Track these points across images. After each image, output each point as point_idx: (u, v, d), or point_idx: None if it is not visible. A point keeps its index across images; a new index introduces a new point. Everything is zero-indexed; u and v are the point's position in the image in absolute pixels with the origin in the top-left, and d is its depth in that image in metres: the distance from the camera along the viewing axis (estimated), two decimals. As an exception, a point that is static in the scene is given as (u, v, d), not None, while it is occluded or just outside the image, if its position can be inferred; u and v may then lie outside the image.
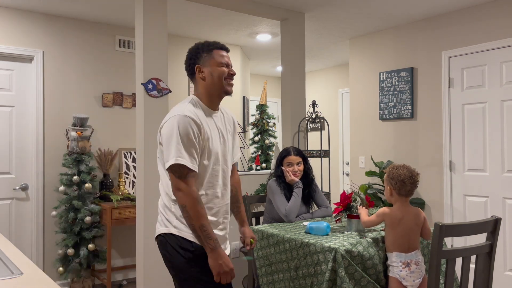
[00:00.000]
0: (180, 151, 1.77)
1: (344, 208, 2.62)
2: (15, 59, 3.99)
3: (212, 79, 1.92)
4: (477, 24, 3.99)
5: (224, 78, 1.93)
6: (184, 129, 1.79)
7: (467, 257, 2.15)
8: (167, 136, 1.81)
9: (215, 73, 1.92)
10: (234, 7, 3.81)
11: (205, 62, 1.93)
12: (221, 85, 1.94)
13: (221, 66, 1.94)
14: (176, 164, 1.77)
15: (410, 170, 2.34)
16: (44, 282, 1.13)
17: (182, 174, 1.77)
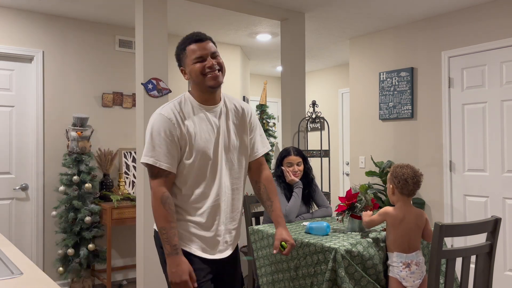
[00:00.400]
0: (149, 150, 1.73)
1: (347, 208, 2.62)
2: (15, 59, 3.99)
3: (192, 79, 1.83)
4: (477, 24, 3.99)
5: (203, 73, 1.79)
6: (157, 127, 1.74)
7: (467, 257, 2.15)
8: (146, 135, 1.80)
9: (192, 73, 1.81)
10: (234, 7, 3.81)
11: (184, 63, 1.85)
12: (202, 82, 1.80)
13: (195, 62, 1.80)
14: (144, 163, 1.75)
15: (414, 170, 2.34)
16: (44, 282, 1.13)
17: (152, 173, 1.74)
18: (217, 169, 1.84)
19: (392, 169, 2.38)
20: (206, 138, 1.81)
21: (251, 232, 2.81)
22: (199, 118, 1.82)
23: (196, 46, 1.81)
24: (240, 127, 1.93)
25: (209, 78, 1.79)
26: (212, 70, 1.78)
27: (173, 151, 1.75)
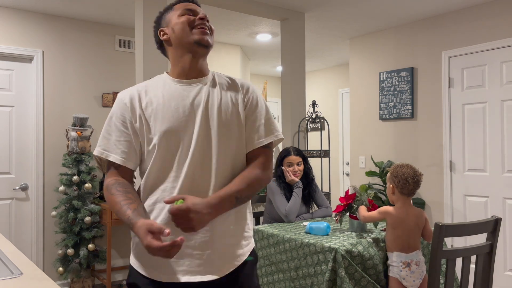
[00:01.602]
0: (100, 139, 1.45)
1: (345, 208, 2.62)
2: (15, 59, 3.99)
3: (175, 34, 1.45)
4: (477, 24, 3.99)
5: (191, 26, 1.45)
6: (111, 112, 1.46)
7: (467, 257, 2.15)
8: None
9: (177, 26, 1.45)
10: (234, 7, 3.81)
11: (166, 21, 1.51)
12: (187, 38, 1.44)
13: (183, 14, 1.47)
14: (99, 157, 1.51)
15: (414, 170, 2.34)
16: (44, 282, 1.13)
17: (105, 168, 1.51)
18: (186, 161, 1.39)
19: (392, 168, 2.38)
20: (174, 116, 1.39)
21: (251, 232, 2.81)
22: (170, 94, 1.43)
23: (187, 3, 1.51)
24: (234, 108, 1.47)
25: (197, 31, 1.44)
26: (203, 24, 1.46)
27: (125, 139, 1.41)
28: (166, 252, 1.19)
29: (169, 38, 1.48)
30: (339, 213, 2.65)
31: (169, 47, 1.50)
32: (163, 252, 1.19)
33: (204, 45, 1.45)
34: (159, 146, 1.38)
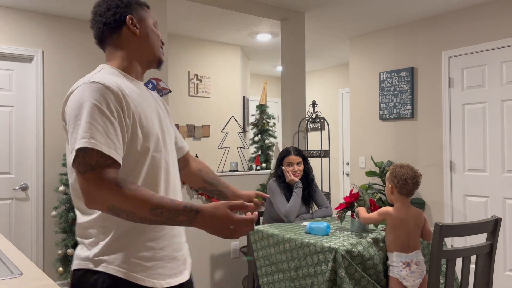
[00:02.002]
0: (88, 129, 1.15)
1: (346, 206, 2.62)
2: (15, 59, 3.99)
3: (148, 39, 1.41)
4: (477, 24, 3.99)
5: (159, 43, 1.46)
6: (96, 99, 1.19)
7: (467, 257, 2.15)
8: (73, 112, 1.19)
9: (152, 33, 1.42)
10: (234, 7, 3.81)
11: (139, 15, 1.41)
12: (156, 50, 1.44)
13: (155, 26, 1.46)
14: (85, 149, 1.13)
15: (414, 170, 2.34)
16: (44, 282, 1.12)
17: (89, 165, 1.13)
18: (166, 162, 1.36)
19: (392, 168, 2.38)
20: (154, 119, 1.35)
21: (251, 232, 2.81)
22: (139, 93, 1.34)
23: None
24: (166, 113, 1.50)
25: (161, 52, 1.46)
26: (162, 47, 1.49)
27: (119, 133, 1.21)
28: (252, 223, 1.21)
29: (140, 32, 1.39)
30: (341, 210, 2.65)
31: (132, 38, 1.38)
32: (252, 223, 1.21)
33: (161, 64, 1.47)
34: (150, 147, 1.30)
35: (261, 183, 3.97)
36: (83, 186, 1.13)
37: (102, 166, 1.14)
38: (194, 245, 3.59)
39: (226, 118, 5.21)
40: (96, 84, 1.22)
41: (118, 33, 1.37)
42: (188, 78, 5.05)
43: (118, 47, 1.38)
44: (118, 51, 1.38)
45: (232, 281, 3.82)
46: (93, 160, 1.13)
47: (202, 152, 5.03)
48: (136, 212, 1.13)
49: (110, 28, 1.37)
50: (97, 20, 1.38)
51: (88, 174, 1.13)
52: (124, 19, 1.37)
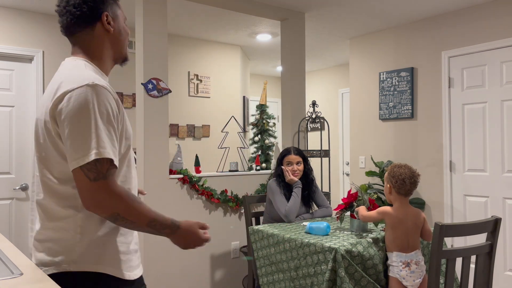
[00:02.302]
0: (101, 139, 1.20)
1: (346, 207, 2.62)
2: (15, 59, 3.99)
3: (120, 37, 1.41)
4: (477, 24, 3.99)
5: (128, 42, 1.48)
6: (101, 107, 1.23)
7: (467, 257, 2.15)
8: (76, 116, 1.20)
9: (123, 31, 1.43)
10: (234, 7, 3.81)
11: (113, 13, 1.39)
12: (125, 48, 1.45)
13: (126, 25, 1.46)
14: (92, 162, 1.18)
15: (412, 170, 2.34)
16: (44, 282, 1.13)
17: (99, 175, 1.19)
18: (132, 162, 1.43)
19: (390, 168, 2.39)
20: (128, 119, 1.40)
21: (251, 232, 2.82)
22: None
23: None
24: None
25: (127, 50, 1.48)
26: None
27: (117, 140, 1.29)
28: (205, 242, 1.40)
29: (114, 30, 1.39)
30: (340, 211, 2.66)
31: (104, 35, 1.38)
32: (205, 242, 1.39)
33: (126, 62, 1.49)
34: (129, 148, 1.38)
35: (261, 183, 3.97)
36: (91, 192, 1.19)
37: (112, 174, 1.22)
38: (194, 245, 3.59)
39: (226, 118, 5.21)
40: (99, 88, 1.25)
41: (91, 27, 1.35)
42: (188, 78, 5.05)
43: (89, 42, 1.37)
44: (89, 46, 1.37)
45: (232, 281, 3.82)
46: (104, 169, 1.20)
47: (202, 152, 5.03)
48: (136, 223, 1.25)
49: (83, 22, 1.34)
50: (69, 10, 1.33)
51: (100, 182, 1.19)
52: (100, 16, 1.35)
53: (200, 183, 3.58)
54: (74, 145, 1.19)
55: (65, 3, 1.35)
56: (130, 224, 1.25)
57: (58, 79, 1.29)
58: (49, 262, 1.28)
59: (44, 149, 1.29)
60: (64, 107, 1.21)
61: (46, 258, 1.29)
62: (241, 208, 3.84)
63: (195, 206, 3.59)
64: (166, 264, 3.43)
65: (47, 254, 1.29)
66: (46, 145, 1.28)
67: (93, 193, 1.19)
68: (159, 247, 3.39)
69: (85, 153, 1.18)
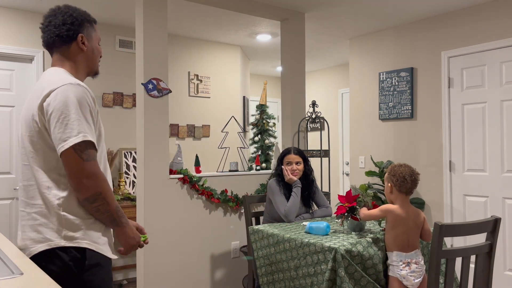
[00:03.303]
0: (83, 126, 1.44)
1: (347, 210, 2.61)
2: (15, 59, 3.99)
3: (92, 55, 1.67)
4: (477, 24, 3.99)
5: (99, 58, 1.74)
6: (82, 101, 1.48)
7: (467, 257, 2.15)
8: (62, 108, 1.43)
9: (96, 50, 1.69)
10: (234, 7, 3.81)
11: (88, 34, 1.65)
12: (96, 64, 1.71)
13: (99, 44, 1.72)
14: (82, 142, 1.41)
15: (411, 168, 2.35)
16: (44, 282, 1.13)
17: (90, 155, 1.43)
18: (107, 158, 1.68)
19: (390, 168, 2.40)
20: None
21: (251, 232, 2.82)
22: None
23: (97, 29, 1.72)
24: None
25: (98, 65, 1.74)
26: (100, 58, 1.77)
27: (94, 131, 1.52)
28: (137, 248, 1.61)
29: (87, 50, 1.64)
30: (342, 215, 2.60)
31: (79, 53, 1.64)
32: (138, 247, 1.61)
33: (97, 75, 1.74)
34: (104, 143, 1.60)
35: (261, 183, 3.97)
36: (84, 172, 1.41)
37: (96, 158, 1.46)
38: (194, 245, 3.59)
39: (226, 118, 5.21)
40: (80, 86, 1.50)
41: (67, 45, 1.61)
42: (188, 78, 5.06)
43: (66, 57, 1.62)
44: (66, 60, 1.62)
45: (232, 281, 3.82)
46: (93, 152, 1.44)
47: (202, 152, 5.04)
48: (110, 204, 1.48)
49: (61, 40, 1.60)
50: (50, 30, 1.59)
51: (92, 162, 1.43)
52: (76, 36, 1.61)
53: (200, 183, 3.58)
54: (62, 131, 1.41)
55: (48, 22, 1.60)
56: (105, 205, 1.47)
57: (42, 84, 1.51)
58: (42, 239, 1.46)
59: (31, 141, 1.50)
60: (51, 101, 1.44)
61: (38, 236, 1.46)
62: (241, 208, 3.84)
63: (195, 206, 3.59)
64: (166, 264, 3.43)
65: (39, 233, 1.46)
66: (33, 138, 1.49)
67: (86, 172, 1.41)
68: (159, 247, 3.39)
69: (74, 135, 1.41)
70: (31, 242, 1.47)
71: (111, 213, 1.50)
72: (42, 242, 1.45)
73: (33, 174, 1.50)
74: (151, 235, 3.34)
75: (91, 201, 1.44)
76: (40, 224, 1.46)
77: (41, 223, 1.46)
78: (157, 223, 3.37)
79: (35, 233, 1.47)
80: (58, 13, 1.60)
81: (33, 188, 1.49)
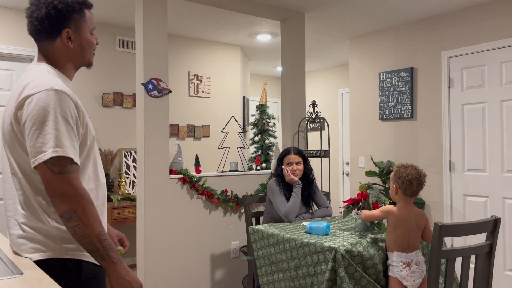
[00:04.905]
0: (59, 139, 1.28)
1: (353, 203, 2.61)
2: (15, 59, 3.99)
3: (81, 49, 1.48)
4: (477, 24, 3.99)
5: (93, 49, 1.54)
6: (61, 109, 1.30)
7: (467, 257, 2.15)
8: (36, 118, 1.28)
9: (86, 44, 1.48)
10: (234, 7, 3.81)
11: (77, 27, 1.45)
12: (87, 57, 1.52)
13: (92, 33, 1.51)
14: (55, 157, 1.27)
15: (418, 170, 2.33)
16: (44, 282, 1.13)
17: (63, 169, 1.28)
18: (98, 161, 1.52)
19: (396, 169, 2.37)
20: (90, 122, 1.49)
21: (251, 232, 2.82)
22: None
23: (92, 15, 1.51)
24: None
25: (92, 56, 1.54)
26: (95, 47, 1.56)
27: (78, 141, 1.37)
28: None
29: (71, 47, 1.45)
30: (347, 205, 2.63)
31: (64, 48, 1.45)
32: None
33: (91, 66, 1.56)
34: (93, 146, 1.47)
35: (261, 183, 3.97)
36: (56, 184, 1.28)
37: (75, 171, 1.31)
38: (194, 245, 3.59)
39: (226, 118, 5.21)
40: (60, 93, 1.31)
41: (51, 41, 1.43)
42: (188, 78, 5.06)
43: (51, 52, 1.45)
44: (50, 55, 1.45)
45: (232, 281, 3.82)
46: (67, 165, 1.29)
47: (202, 152, 5.04)
48: (87, 227, 1.29)
49: (44, 35, 1.42)
50: (32, 22, 1.41)
51: (65, 175, 1.28)
52: (60, 32, 1.42)
53: (200, 183, 3.58)
54: (35, 144, 1.27)
55: (30, 12, 1.41)
56: (81, 227, 1.28)
57: (21, 85, 1.37)
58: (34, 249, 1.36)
59: (12, 148, 1.37)
60: (25, 110, 1.30)
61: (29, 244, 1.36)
62: (241, 208, 3.84)
63: (195, 206, 3.59)
64: (166, 264, 3.43)
65: (31, 241, 1.36)
66: (13, 144, 1.36)
67: (57, 185, 1.28)
68: (159, 247, 3.39)
69: (46, 150, 1.27)
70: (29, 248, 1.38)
71: (91, 240, 1.29)
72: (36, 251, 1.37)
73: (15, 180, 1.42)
74: (151, 235, 3.34)
75: (66, 219, 1.29)
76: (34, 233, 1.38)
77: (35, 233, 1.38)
78: (157, 223, 3.37)
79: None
80: (42, 3, 1.40)
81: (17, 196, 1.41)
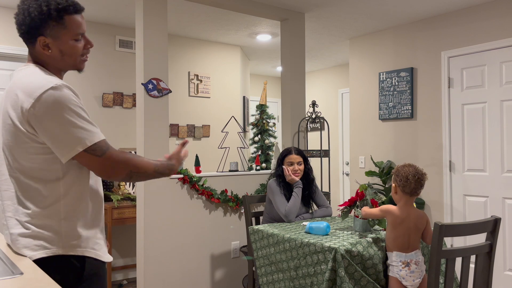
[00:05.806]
0: (85, 127, 1.37)
1: (350, 205, 2.62)
2: (15, 59, 3.99)
3: (61, 56, 1.43)
4: (477, 24, 3.99)
5: (82, 55, 1.48)
6: (72, 100, 1.36)
7: (466, 257, 2.15)
8: (56, 114, 1.32)
9: (68, 51, 1.44)
10: (234, 7, 3.81)
11: (54, 35, 1.39)
12: (72, 63, 1.48)
13: (77, 39, 1.44)
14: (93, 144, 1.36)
15: (417, 169, 2.33)
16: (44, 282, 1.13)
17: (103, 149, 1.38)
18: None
19: (396, 168, 2.39)
20: None
21: (251, 232, 2.82)
22: None
23: (80, 18, 1.43)
24: None
25: (83, 60, 1.50)
26: (88, 52, 1.51)
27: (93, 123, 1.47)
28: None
29: (51, 54, 1.42)
30: (344, 208, 2.66)
31: (43, 55, 1.43)
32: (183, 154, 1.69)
33: (81, 71, 1.55)
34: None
35: (261, 183, 3.97)
36: (104, 165, 1.38)
37: (109, 145, 1.41)
38: (194, 245, 3.59)
39: (226, 118, 5.21)
40: (63, 87, 1.35)
41: (32, 46, 1.43)
42: (188, 78, 5.06)
43: (35, 56, 1.45)
44: (36, 57, 1.45)
45: (232, 281, 3.82)
46: (104, 145, 1.39)
47: (202, 152, 5.04)
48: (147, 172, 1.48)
49: (24, 39, 1.43)
50: (17, 26, 1.42)
51: (107, 154, 1.38)
52: (36, 39, 1.40)
53: (200, 183, 3.59)
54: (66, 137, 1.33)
55: (15, 15, 1.42)
56: (143, 175, 1.48)
57: (17, 87, 1.36)
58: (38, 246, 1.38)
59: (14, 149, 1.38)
60: (37, 111, 1.31)
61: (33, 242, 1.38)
62: (241, 208, 3.84)
63: (195, 206, 3.59)
64: (166, 264, 3.43)
65: (35, 238, 1.38)
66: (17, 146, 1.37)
67: (105, 165, 1.38)
68: (159, 247, 3.39)
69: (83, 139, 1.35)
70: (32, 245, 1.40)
71: (154, 175, 1.53)
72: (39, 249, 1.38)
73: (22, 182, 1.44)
74: (151, 235, 3.34)
75: (128, 180, 1.46)
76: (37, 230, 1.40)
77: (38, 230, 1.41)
78: (157, 223, 3.37)
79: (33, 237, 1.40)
80: (21, 9, 1.38)
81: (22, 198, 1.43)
